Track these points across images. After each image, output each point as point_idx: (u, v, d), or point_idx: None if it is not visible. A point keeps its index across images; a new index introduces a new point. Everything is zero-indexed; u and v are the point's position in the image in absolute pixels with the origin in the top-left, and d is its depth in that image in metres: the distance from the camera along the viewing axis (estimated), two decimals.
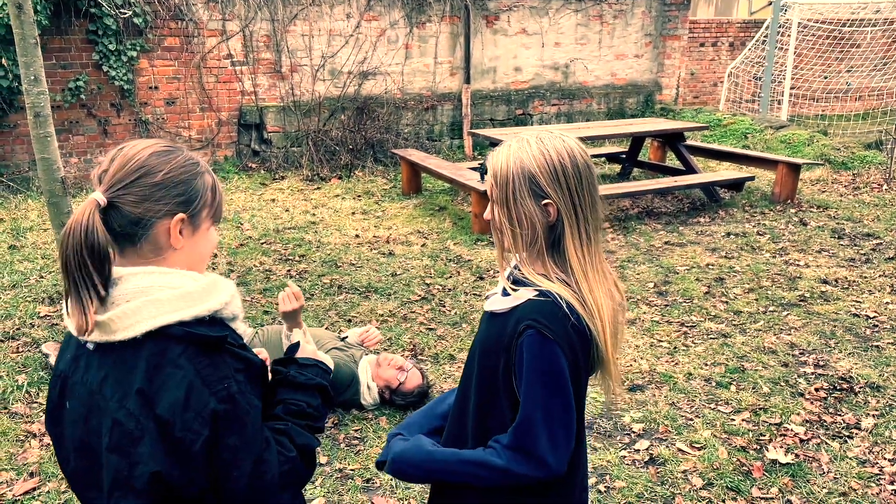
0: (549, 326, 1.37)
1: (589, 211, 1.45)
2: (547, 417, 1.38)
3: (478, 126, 9.96)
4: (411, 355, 4.10)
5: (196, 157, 1.35)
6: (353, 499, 2.94)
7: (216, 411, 1.20)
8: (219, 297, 1.28)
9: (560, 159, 1.42)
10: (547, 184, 1.42)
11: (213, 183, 1.36)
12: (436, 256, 5.76)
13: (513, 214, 1.44)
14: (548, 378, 1.37)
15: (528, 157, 1.42)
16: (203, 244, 1.35)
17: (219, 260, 5.61)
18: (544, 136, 1.47)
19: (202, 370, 1.20)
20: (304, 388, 1.46)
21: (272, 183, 8.22)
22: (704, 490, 2.95)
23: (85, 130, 8.20)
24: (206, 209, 1.33)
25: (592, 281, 1.43)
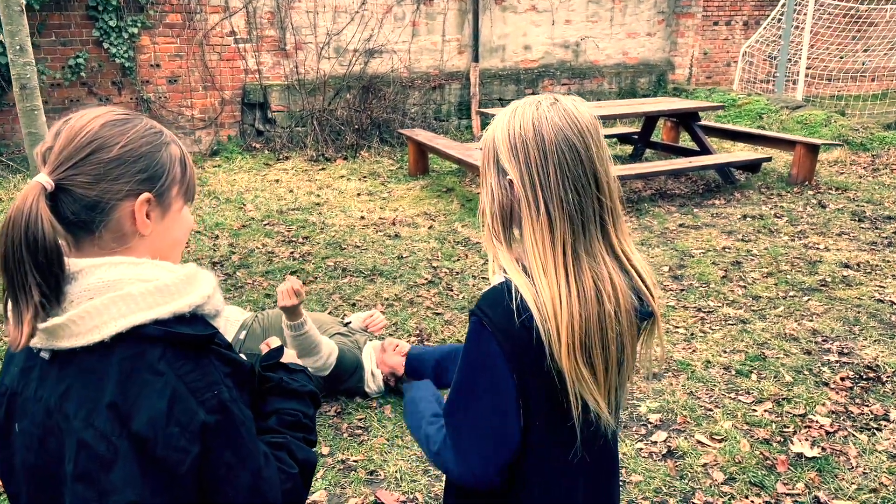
0: (490, 317, 1.21)
1: (557, 192, 1.22)
2: (467, 416, 1.26)
3: (486, 106, 9.75)
4: (418, 341, 3.95)
5: (158, 126, 1.15)
6: (355, 492, 2.80)
7: (206, 424, 1.02)
8: (200, 289, 1.10)
9: (522, 131, 1.24)
10: (506, 158, 1.26)
11: (181, 154, 1.16)
12: (443, 239, 5.60)
13: (486, 189, 1.31)
14: (474, 372, 1.25)
15: (499, 127, 1.29)
16: (176, 228, 1.16)
17: (220, 241, 5.46)
18: (523, 102, 1.30)
19: (187, 376, 1.02)
20: (297, 395, 1.29)
21: (276, 163, 8.06)
22: (726, 485, 2.80)
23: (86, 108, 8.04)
24: (175, 186, 1.14)
25: (552, 273, 1.21)
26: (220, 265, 5.01)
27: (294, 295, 2.99)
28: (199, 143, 8.57)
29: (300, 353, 3.15)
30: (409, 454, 3.03)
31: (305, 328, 3.08)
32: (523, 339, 1.20)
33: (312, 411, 1.31)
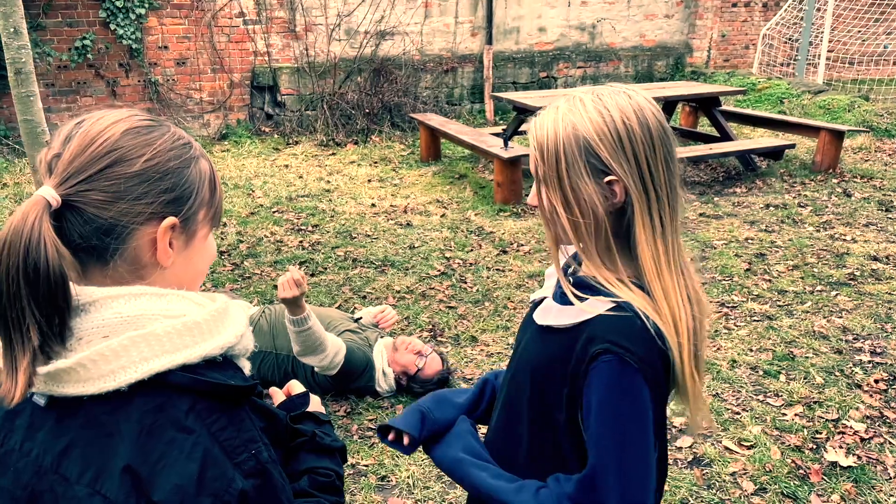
0: (633, 352, 1.05)
1: (666, 190, 1.12)
2: (622, 470, 1.07)
3: (500, 89, 9.55)
4: (430, 336, 3.81)
5: (186, 136, 0.96)
6: (366, 498, 2.68)
7: (245, 492, 0.84)
8: (233, 327, 0.92)
9: (625, 121, 1.09)
10: (609, 155, 1.08)
11: (210, 172, 0.97)
12: (456, 228, 5.45)
13: (568, 198, 1.11)
14: (627, 421, 1.06)
15: (583, 121, 1.09)
16: (199, 258, 0.97)
17: (228, 229, 5.33)
18: (603, 91, 1.13)
19: (221, 433, 0.85)
20: (330, 452, 1.14)
21: (286, 148, 7.90)
22: (757, 496, 2.65)
23: (93, 92, 7.91)
24: (203, 209, 0.95)
25: (668, 283, 1.10)
26: (227, 254, 4.88)
27: (295, 286, 2.85)
28: (208, 127, 8.42)
29: (304, 351, 3.01)
30: (422, 459, 2.89)
31: (309, 324, 2.94)
32: (659, 368, 1.07)
33: (342, 470, 1.16)
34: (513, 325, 3.93)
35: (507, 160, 5.81)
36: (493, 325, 3.94)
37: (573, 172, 1.10)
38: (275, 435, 0.95)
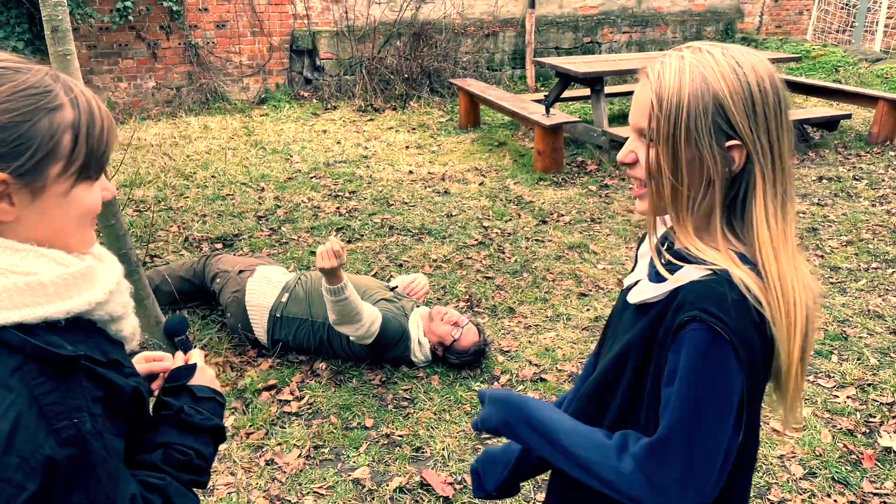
0: (725, 321, 0.95)
1: (787, 160, 1.02)
2: (689, 447, 0.98)
3: (542, 55, 9.31)
4: (467, 307, 3.74)
5: (53, 84, 0.91)
6: (400, 470, 2.64)
7: (52, 459, 0.84)
8: (89, 293, 0.92)
9: (759, 82, 0.99)
10: (740, 118, 0.99)
11: (76, 122, 0.92)
12: (494, 196, 5.34)
13: (680, 159, 1.00)
14: (708, 396, 0.97)
15: (716, 76, 0.99)
16: (57, 214, 0.93)
17: (266, 194, 5.30)
18: (730, 46, 1.03)
19: (43, 398, 0.85)
20: (197, 430, 1.10)
21: (324, 113, 7.84)
22: (805, 480, 2.55)
23: (134, 54, 7.91)
24: (55, 163, 0.90)
25: (785, 264, 0.99)
26: (264, 219, 4.86)
27: (334, 256, 2.80)
28: (247, 91, 8.39)
29: (340, 321, 2.97)
30: (457, 431, 2.85)
31: (346, 293, 2.89)
32: (757, 344, 0.98)
33: (211, 450, 1.12)
34: (551, 297, 3.84)
35: (549, 127, 5.66)
36: (531, 297, 3.85)
37: (694, 132, 0.99)
38: (116, 407, 0.94)
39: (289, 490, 2.54)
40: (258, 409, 2.94)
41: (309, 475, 2.61)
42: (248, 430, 2.83)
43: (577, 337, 3.48)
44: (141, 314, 3.14)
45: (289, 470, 2.63)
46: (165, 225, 4.69)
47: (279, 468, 2.64)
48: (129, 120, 7.36)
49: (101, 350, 0.94)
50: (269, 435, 2.82)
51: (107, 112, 0.98)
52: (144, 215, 4.84)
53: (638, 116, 1.06)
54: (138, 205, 5.04)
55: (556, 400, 1.44)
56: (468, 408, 2.98)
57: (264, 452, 2.72)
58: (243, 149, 6.42)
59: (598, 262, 4.28)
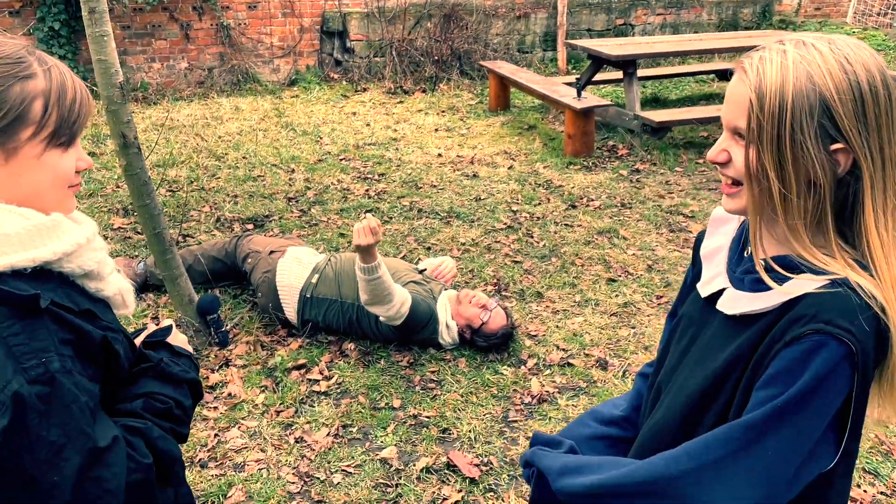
0: (857, 337, 0.91)
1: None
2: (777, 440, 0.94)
3: (573, 37, 9.21)
4: (494, 291, 3.75)
5: (25, 56, 1.00)
6: (427, 450, 2.67)
7: (20, 395, 0.89)
8: (54, 244, 0.98)
9: (871, 80, 0.93)
10: (848, 119, 0.94)
11: (47, 90, 1.00)
12: (524, 180, 5.32)
13: (786, 162, 0.95)
14: (809, 404, 0.93)
15: (822, 74, 0.94)
16: (30, 175, 1.00)
17: (296, 176, 5.35)
18: (838, 39, 0.97)
19: (11, 339, 0.91)
20: (175, 381, 1.16)
21: (354, 95, 7.85)
22: None
23: (167, 35, 7.98)
24: (25, 127, 0.98)
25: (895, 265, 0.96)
26: (294, 201, 4.90)
27: (371, 234, 2.82)
28: (278, 73, 8.43)
29: (371, 300, 3.00)
30: (484, 413, 2.87)
31: (379, 272, 2.92)
32: (871, 350, 0.94)
33: (189, 402, 1.18)
34: (580, 282, 3.84)
35: (580, 111, 5.61)
36: (559, 282, 3.85)
37: (799, 134, 0.94)
38: (86, 352, 0.98)
39: (317, 467, 2.59)
40: (288, 388, 2.98)
41: (337, 453, 2.65)
42: (278, 409, 2.88)
43: (605, 322, 3.47)
44: (174, 292, 3.20)
45: (317, 448, 2.68)
46: (198, 205, 4.76)
47: (308, 446, 2.69)
48: (162, 100, 7.45)
49: (73, 300, 1.00)
50: (298, 413, 2.86)
51: (81, 85, 1.05)
52: (177, 195, 4.92)
53: (734, 114, 1.00)
54: (171, 185, 5.11)
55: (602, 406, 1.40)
56: (495, 391, 3.00)
57: (294, 430, 2.77)
58: (274, 130, 6.47)
59: (627, 247, 4.25)
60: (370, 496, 2.46)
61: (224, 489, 2.47)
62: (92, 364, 1.00)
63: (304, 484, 2.52)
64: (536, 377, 3.08)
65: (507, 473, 2.57)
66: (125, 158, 2.95)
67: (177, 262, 3.17)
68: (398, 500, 2.46)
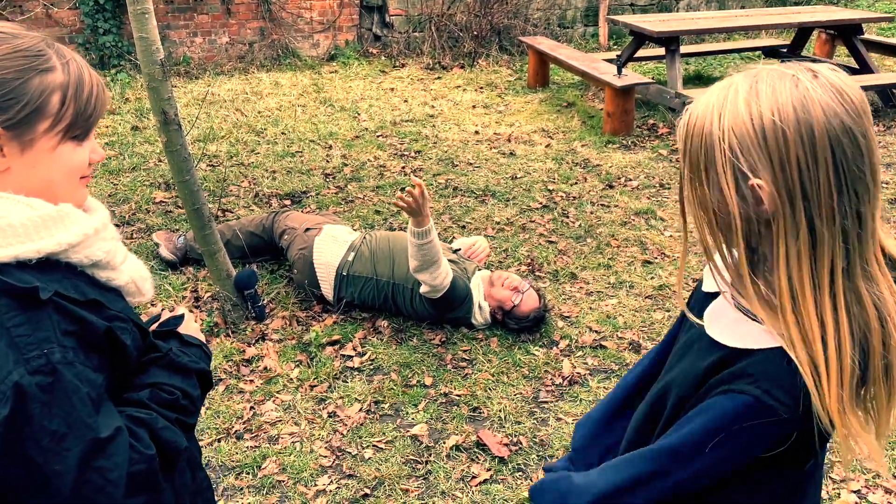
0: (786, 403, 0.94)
1: (825, 205, 0.92)
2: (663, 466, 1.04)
3: (616, 12, 9.04)
4: (528, 271, 3.75)
5: (46, 49, 1.01)
6: (457, 428, 2.70)
7: (21, 386, 0.90)
8: (61, 234, 0.99)
9: (780, 116, 0.92)
10: (755, 156, 0.94)
11: (65, 84, 1.01)
12: (561, 159, 5.27)
13: (695, 190, 1.00)
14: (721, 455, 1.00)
15: (734, 112, 0.95)
16: (45, 167, 1.01)
17: (333, 152, 5.38)
18: (779, 74, 0.95)
19: (15, 329, 0.92)
20: (184, 371, 1.15)
21: (392, 71, 7.84)
22: (871, 461, 2.49)
23: (209, 9, 8.05)
24: (42, 120, 0.99)
25: (812, 313, 0.94)
26: (331, 177, 4.94)
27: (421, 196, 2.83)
28: (317, 48, 8.45)
29: (421, 266, 2.98)
30: (514, 393, 2.88)
31: (431, 237, 2.92)
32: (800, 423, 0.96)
33: (198, 393, 1.17)
34: (615, 264, 3.81)
35: (620, 88, 5.52)
36: (594, 263, 3.82)
37: (711, 168, 0.96)
38: (91, 343, 0.99)
39: (349, 442, 2.64)
40: (322, 363, 3.04)
41: (369, 429, 2.70)
42: (311, 383, 2.94)
43: (639, 305, 3.45)
44: (213, 267, 3.27)
45: (350, 423, 2.73)
46: (237, 180, 4.83)
47: (341, 421, 2.74)
48: (204, 75, 7.53)
49: (79, 290, 1.00)
50: (331, 388, 2.92)
51: (98, 79, 1.06)
52: (217, 170, 4.99)
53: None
54: (211, 159, 5.19)
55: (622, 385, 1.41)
56: (526, 371, 3.01)
57: (327, 405, 2.83)
58: (312, 106, 6.50)
59: (665, 229, 4.20)
60: (400, 472, 2.50)
61: (259, 461, 2.54)
62: (96, 354, 1.00)
63: (336, 458, 2.57)
64: (568, 359, 3.08)
65: (535, 454, 2.59)
66: (166, 135, 3.00)
67: (215, 237, 3.23)
68: (427, 476, 2.50)
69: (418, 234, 2.90)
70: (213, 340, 3.17)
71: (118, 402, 1.06)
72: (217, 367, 3.01)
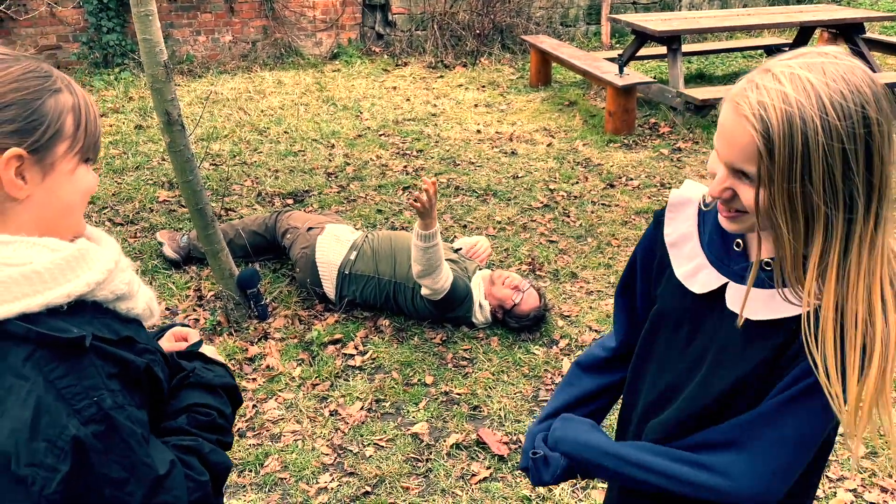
0: None
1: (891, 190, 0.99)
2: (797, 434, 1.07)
3: (618, 10, 9.04)
4: (529, 270, 3.77)
5: (50, 70, 0.97)
6: (457, 427, 2.73)
7: (78, 439, 0.87)
8: (86, 274, 0.93)
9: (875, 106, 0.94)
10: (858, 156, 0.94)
11: (76, 105, 0.97)
12: (562, 158, 5.29)
13: (797, 205, 0.96)
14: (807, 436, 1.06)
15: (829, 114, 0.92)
16: (65, 191, 0.97)
17: (336, 151, 5.41)
18: (830, 68, 0.95)
19: (60, 381, 0.87)
20: (213, 390, 1.14)
21: (394, 69, 7.86)
22: (867, 460, 2.51)
23: (212, 8, 8.07)
24: (62, 142, 0.95)
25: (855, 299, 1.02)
26: (334, 176, 4.97)
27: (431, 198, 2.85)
28: (320, 46, 8.47)
29: (424, 272, 3.01)
30: (514, 392, 2.91)
31: (437, 240, 2.95)
32: None
33: (230, 409, 1.16)
34: (616, 264, 3.83)
35: (621, 88, 5.54)
36: (594, 262, 3.85)
37: (809, 178, 0.94)
38: (132, 381, 0.96)
39: (351, 440, 2.67)
40: (324, 362, 3.07)
41: (370, 427, 2.73)
42: (313, 382, 2.97)
43: None
44: (215, 266, 3.30)
45: (351, 421, 2.75)
46: (240, 179, 4.85)
47: (342, 419, 2.77)
48: (207, 74, 7.56)
49: (111, 329, 0.96)
50: (333, 387, 2.95)
51: (93, 101, 1.03)
52: (220, 169, 5.02)
53: (737, 157, 0.98)
54: (215, 158, 5.22)
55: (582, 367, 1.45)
56: (526, 370, 3.03)
57: (329, 403, 2.85)
58: (315, 105, 6.53)
59: None
60: (401, 470, 2.53)
61: (261, 458, 2.57)
62: (138, 392, 0.98)
63: (338, 456, 2.60)
64: (568, 358, 3.11)
65: None
66: (169, 135, 3.03)
67: (218, 237, 3.26)
68: (428, 474, 2.52)
69: (425, 236, 2.92)
70: (216, 339, 3.20)
71: (158, 433, 1.05)
72: None
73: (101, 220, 4.21)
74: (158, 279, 3.66)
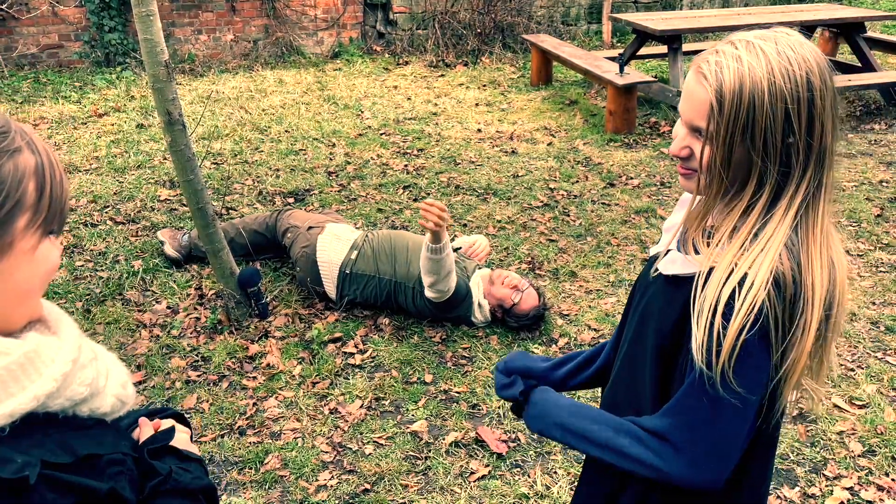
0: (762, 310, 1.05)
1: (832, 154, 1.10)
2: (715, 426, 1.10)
3: (619, 10, 9.04)
4: (528, 269, 3.78)
5: (7, 124, 0.79)
6: (456, 425, 2.74)
7: None
8: (34, 385, 0.76)
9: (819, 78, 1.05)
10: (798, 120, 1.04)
11: (38, 166, 0.79)
12: (562, 157, 5.30)
13: (733, 160, 1.07)
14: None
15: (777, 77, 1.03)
16: (22, 274, 0.79)
17: (336, 150, 5.42)
18: (782, 41, 1.05)
19: None
20: (189, 494, 0.98)
21: (395, 68, 7.87)
22: (864, 458, 2.52)
23: (214, 7, 8.08)
24: (22, 213, 0.77)
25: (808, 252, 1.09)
26: (334, 175, 4.98)
27: (440, 217, 2.86)
28: (321, 45, 8.48)
29: (436, 281, 3.01)
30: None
31: (446, 252, 2.96)
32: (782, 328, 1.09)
33: None
34: (615, 262, 3.84)
35: (622, 87, 5.54)
36: (594, 261, 3.85)
37: (751, 134, 1.04)
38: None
39: (350, 438, 2.68)
40: (324, 360, 3.08)
41: (370, 425, 2.74)
42: (313, 380, 2.98)
43: None
44: (216, 265, 3.31)
45: (351, 419, 2.77)
46: (241, 178, 4.87)
47: (342, 417, 2.78)
48: (209, 72, 7.57)
49: (67, 447, 0.80)
50: (333, 385, 2.96)
51: (58, 159, 0.84)
52: (221, 168, 5.03)
53: (694, 114, 1.08)
54: (216, 157, 5.23)
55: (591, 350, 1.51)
56: None
57: (328, 402, 2.87)
58: (316, 104, 6.54)
59: None
60: (400, 467, 2.54)
61: (261, 456, 2.58)
62: None
63: (338, 454, 2.61)
64: None
65: (534, 450, 2.62)
66: (170, 135, 3.04)
67: (219, 236, 3.27)
68: (427, 472, 2.54)
69: (434, 249, 2.93)
70: (217, 338, 3.22)
71: None
72: (221, 363, 3.05)
73: (102, 219, 4.23)
74: (159, 278, 3.67)
